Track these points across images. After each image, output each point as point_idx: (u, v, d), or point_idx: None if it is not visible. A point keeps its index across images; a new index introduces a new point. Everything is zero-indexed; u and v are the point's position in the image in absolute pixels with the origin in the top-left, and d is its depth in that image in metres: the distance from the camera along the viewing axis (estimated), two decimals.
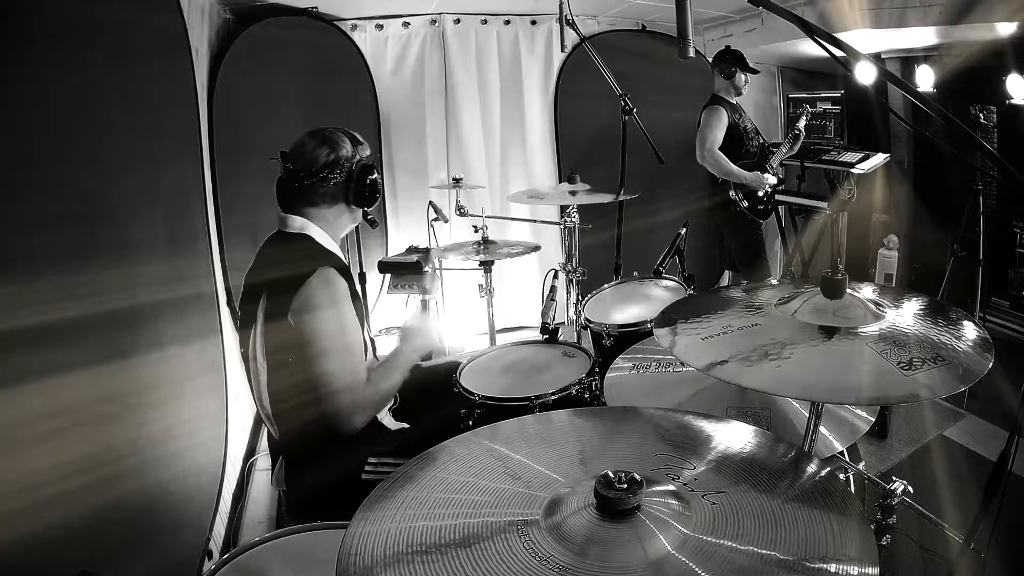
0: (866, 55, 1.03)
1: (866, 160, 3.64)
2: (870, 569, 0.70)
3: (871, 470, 2.47)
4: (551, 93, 4.08)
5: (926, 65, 3.47)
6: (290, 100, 3.27)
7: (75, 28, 1.43)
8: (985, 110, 3.42)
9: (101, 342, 1.42)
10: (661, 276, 2.48)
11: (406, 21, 3.75)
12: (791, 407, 1.33)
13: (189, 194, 2.34)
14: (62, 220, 1.32)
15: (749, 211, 3.63)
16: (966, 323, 1.10)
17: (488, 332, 3.02)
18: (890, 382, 0.94)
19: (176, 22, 2.22)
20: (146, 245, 1.79)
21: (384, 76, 3.77)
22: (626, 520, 0.77)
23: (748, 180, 3.55)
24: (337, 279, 1.56)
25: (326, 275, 1.53)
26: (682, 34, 1.27)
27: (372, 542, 0.78)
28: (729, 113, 3.55)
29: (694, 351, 1.08)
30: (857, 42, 2.05)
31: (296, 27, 3.34)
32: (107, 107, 1.60)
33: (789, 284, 1.45)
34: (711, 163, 3.54)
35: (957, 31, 2.96)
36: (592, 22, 4.03)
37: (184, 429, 1.94)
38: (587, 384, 1.82)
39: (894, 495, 1.08)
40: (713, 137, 3.51)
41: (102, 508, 1.28)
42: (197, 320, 2.20)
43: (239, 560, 1.18)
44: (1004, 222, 3.39)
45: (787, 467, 0.90)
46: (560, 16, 2.40)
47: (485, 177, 4.00)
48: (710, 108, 3.59)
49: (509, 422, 1.07)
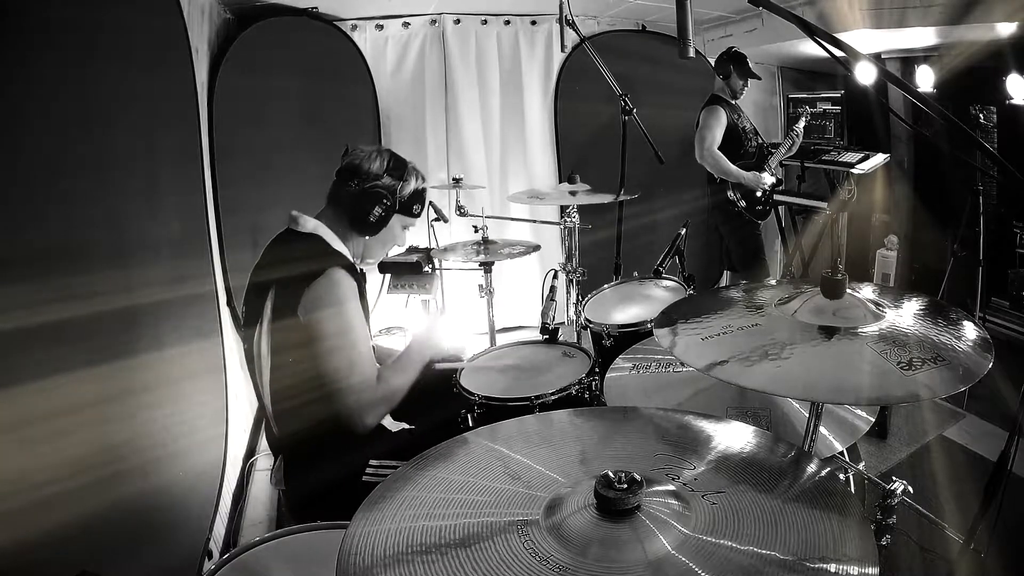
0: (866, 55, 1.03)
1: (866, 160, 3.64)
2: (870, 569, 0.70)
3: (871, 470, 2.47)
4: (551, 93, 4.08)
5: (926, 65, 3.47)
6: (290, 100, 3.27)
7: (75, 28, 1.43)
8: (985, 110, 3.42)
9: (101, 342, 1.42)
10: (661, 276, 2.48)
11: (406, 21, 3.75)
12: (791, 407, 1.33)
13: (189, 194, 2.34)
14: (62, 220, 1.32)
15: (747, 211, 3.63)
16: (966, 323, 1.10)
17: (488, 332, 3.02)
18: (890, 382, 0.94)
19: (176, 22, 2.21)
20: (146, 245, 1.79)
21: (384, 76, 3.77)
22: (626, 520, 0.77)
23: (746, 180, 3.55)
24: (347, 279, 1.56)
25: (336, 275, 1.54)
26: (682, 34, 1.27)
27: (372, 542, 0.78)
28: (728, 113, 3.55)
29: (694, 351, 1.08)
30: (857, 42, 2.05)
31: (296, 27, 3.34)
32: (107, 107, 1.60)
33: (789, 284, 1.45)
34: (710, 163, 3.54)
35: (957, 31, 2.96)
36: (592, 22, 4.03)
37: (184, 429, 1.94)
38: (587, 384, 1.82)
39: (894, 495, 1.08)
40: (712, 137, 3.52)
41: (102, 508, 1.28)
42: (197, 320, 2.20)
43: (239, 560, 1.18)
44: (1004, 222, 3.40)
45: (787, 467, 0.90)
46: (560, 16, 2.40)
47: (485, 177, 4.00)
48: (709, 108, 3.59)
49: (509, 422, 1.07)
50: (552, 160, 4.16)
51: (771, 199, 3.73)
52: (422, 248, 3.11)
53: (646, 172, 2.80)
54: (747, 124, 3.69)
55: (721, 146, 3.53)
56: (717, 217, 3.76)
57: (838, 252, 4.05)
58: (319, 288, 1.51)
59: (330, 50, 3.51)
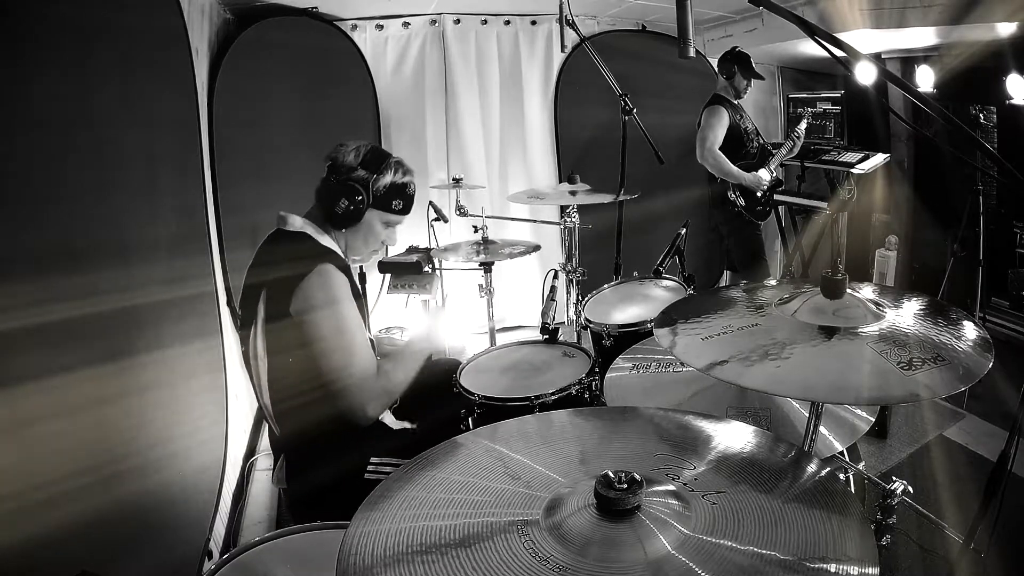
0: (866, 55, 1.03)
1: (866, 160, 3.64)
2: (870, 569, 0.70)
3: (871, 470, 2.48)
4: (551, 93, 4.08)
5: (926, 65, 3.47)
6: (290, 100, 3.27)
7: (75, 28, 1.43)
8: (985, 110, 3.42)
9: (101, 342, 1.42)
10: (661, 276, 2.48)
11: (406, 21, 3.75)
12: (791, 407, 1.33)
13: (189, 194, 2.34)
14: (62, 220, 1.32)
15: (746, 211, 3.63)
16: (966, 323, 1.10)
17: (488, 332, 3.02)
18: (890, 382, 0.94)
19: (176, 22, 2.22)
20: (146, 245, 1.79)
21: (384, 76, 3.77)
22: (626, 520, 0.77)
23: (746, 181, 3.54)
24: (337, 276, 1.56)
25: (326, 272, 1.53)
26: (682, 34, 1.27)
27: (372, 542, 0.78)
28: (730, 113, 3.53)
29: (694, 351, 1.08)
30: (857, 42, 2.05)
31: (296, 27, 3.33)
32: (107, 107, 1.60)
33: (789, 284, 1.45)
34: (710, 163, 3.52)
35: (957, 31, 2.96)
36: (592, 22, 4.03)
37: (184, 429, 1.94)
38: (587, 384, 1.82)
39: (894, 495, 1.08)
40: (713, 137, 3.50)
41: (102, 508, 1.28)
42: (197, 320, 2.20)
43: (239, 560, 1.18)
44: (1004, 222, 3.39)
45: (787, 467, 0.90)
46: (560, 16, 2.40)
47: (485, 177, 4.00)
48: (711, 108, 3.57)
49: (509, 422, 1.07)
50: (552, 160, 4.16)
51: (771, 200, 3.71)
52: (422, 248, 3.11)
53: (646, 172, 2.79)
54: (749, 125, 3.67)
55: (723, 146, 3.51)
56: (717, 217, 3.75)
57: (838, 252, 4.04)
58: (309, 286, 1.50)
59: (330, 50, 3.51)
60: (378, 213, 1.69)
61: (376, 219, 1.70)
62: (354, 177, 1.63)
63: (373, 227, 1.71)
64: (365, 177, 1.64)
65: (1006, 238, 3.36)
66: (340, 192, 1.63)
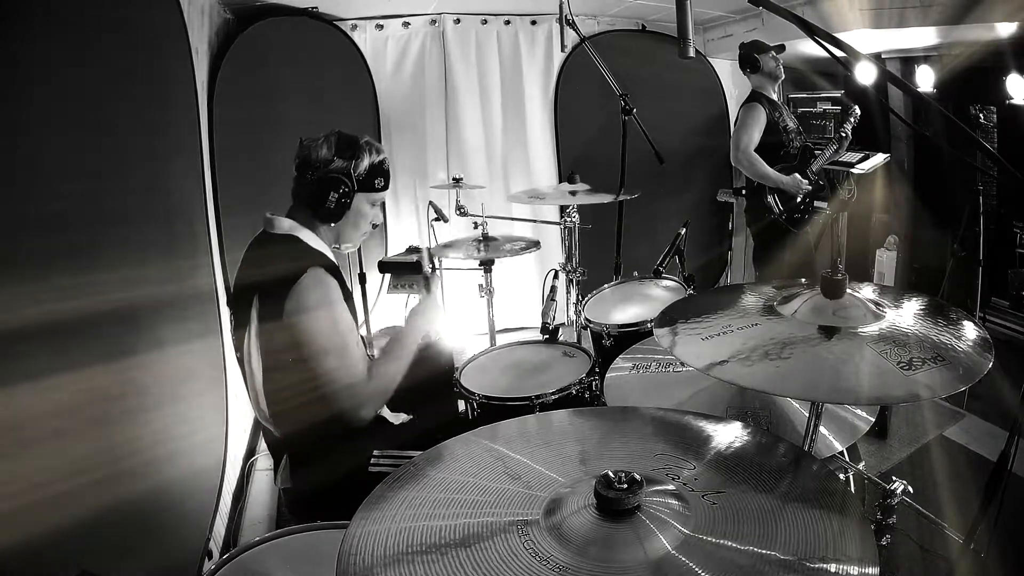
0: (866, 55, 1.03)
1: (866, 160, 3.63)
2: (870, 569, 0.70)
3: (871, 470, 2.47)
4: (551, 93, 4.08)
5: (926, 65, 3.46)
6: (290, 100, 3.27)
7: (75, 27, 1.42)
8: (985, 110, 3.42)
9: (101, 342, 1.42)
10: (661, 276, 2.48)
11: (406, 21, 3.75)
12: (791, 407, 1.33)
13: (189, 194, 2.34)
14: (62, 220, 1.31)
15: (784, 218, 3.33)
16: (966, 323, 1.10)
17: (488, 332, 3.02)
18: (890, 382, 0.94)
19: (176, 22, 2.22)
20: (146, 245, 1.78)
21: (384, 76, 3.77)
22: (626, 520, 0.77)
23: (785, 184, 3.26)
24: (328, 279, 1.56)
25: (317, 275, 1.54)
26: (682, 34, 1.27)
27: (372, 542, 0.78)
28: (768, 111, 3.28)
29: (694, 351, 1.08)
30: (857, 42, 2.05)
31: (296, 27, 3.34)
32: (107, 107, 1.59)
33: (789, 284, 1.45)
34: (745, 165, 3.28)
35: (957, 31, 2.96)
36: (592, 22, 4.03)
37: (184, 429, 1.94)
38: (587, 384, 1.82)
39: (894, 495, 1.08)
40: (748, 138, 3.24)
41: (102, 508, 1.28)
42: (197, 320, 2.20)
43: (239, 560, 1.18)
44: (1004, 222, 3.39)
45: (787, 467, 0.90)
46: (560, 16, 2.40)
47: (485, 177, 4.00)
48: (747, 105, 3.31)
49: (509, 422, 1.07)
50: (552, 160, 4.16)
51: (811, 207, 3.40)
52: (422, 248, 3.10)
53: (646, 172, 2.80)
54: (790, 123, 3.38)
55: (760, 146, 3.24)
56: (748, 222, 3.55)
57: (838, 252, 4.04)
58: (301, 291, 1.50)
59: (330, 50, 3.51)
60: (365, 196, 1.70)
61: (364, 202, 1.71)
62: (334, 169, 1.63)
63: (361, 211, 1.72)
64: (344, 166, 1.64)
65: (1006, 238, 3.36)
66: (325, 187, 1.62)
